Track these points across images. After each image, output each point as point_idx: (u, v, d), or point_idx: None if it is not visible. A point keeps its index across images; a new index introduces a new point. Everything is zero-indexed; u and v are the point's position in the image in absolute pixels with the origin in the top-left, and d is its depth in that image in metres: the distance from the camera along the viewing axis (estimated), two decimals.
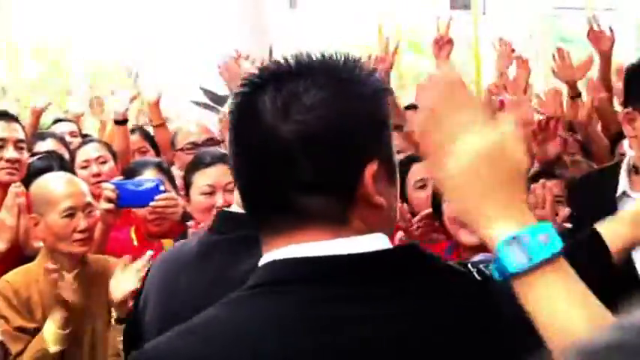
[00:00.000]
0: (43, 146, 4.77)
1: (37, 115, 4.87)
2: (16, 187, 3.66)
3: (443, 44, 4.82)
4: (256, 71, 1.33)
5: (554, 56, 4.95)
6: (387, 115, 1.35)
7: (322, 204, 1.26)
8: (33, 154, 4.45)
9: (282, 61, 1.31)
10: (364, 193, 1.27)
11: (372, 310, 1.23)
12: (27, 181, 3.75)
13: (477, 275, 1.31)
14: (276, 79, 1.29)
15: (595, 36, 4.94)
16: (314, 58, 1.31)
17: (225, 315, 1.27)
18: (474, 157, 1.18)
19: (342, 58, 1.33)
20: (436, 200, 3.23)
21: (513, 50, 5.13)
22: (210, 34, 6.67)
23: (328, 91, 1.27)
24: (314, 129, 1.24)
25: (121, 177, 3.99)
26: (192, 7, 7.07)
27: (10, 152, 3.83)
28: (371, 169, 1.27)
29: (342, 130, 1.26)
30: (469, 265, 1.34)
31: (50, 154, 4.40)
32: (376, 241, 1.28)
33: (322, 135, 1.24)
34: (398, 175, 1.38)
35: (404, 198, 3.71)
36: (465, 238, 3.04)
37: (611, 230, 1.95)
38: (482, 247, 2.94)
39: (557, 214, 3.00)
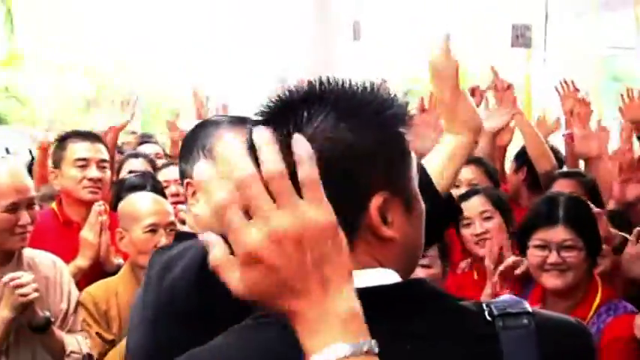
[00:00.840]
0: (134, 164, 5.00)
1: (115, 133, 5.03)
2: (99, 206, 3.82)
3: (503, 90, 4.75)
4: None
5: (622, 96, 4.97)
6: (402, 145, 1.28)
7: None
8: (130, 172, 4.66)
9: (295, 88, 1.27)
10: (370, 225, 1.22)
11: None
12: (120, 196, 3.89)
13: (487, 316, 1.24)
14: (286, 106, 1.25)
15: None
16: (328, 85, 1.26)
17: (231, 344, 1.23)
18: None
19: (361, 85, 1.27)
20: (520, 242, 3.24)
21: (577, 90, 5.14)
22: (275, 64, 6.82)
23: (333, 120, 1.22)
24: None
25: None
26: (258, 38, 7.22)
27: (92, 172, 4.00)
28: (377, 201, 1.22)
29: (343, 161, 1.21)
30: (483, 305, 1.26)
31: (145, 173, 4.59)
32: (381, 276, 1.23)
33: (323, 166, 1.12)
34: (420, 208, 1.31)
35: (457, 233, 3.78)
36: (548, 282, 3.07)
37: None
38: (565, 292, 3.03)
39: None
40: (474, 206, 3.71)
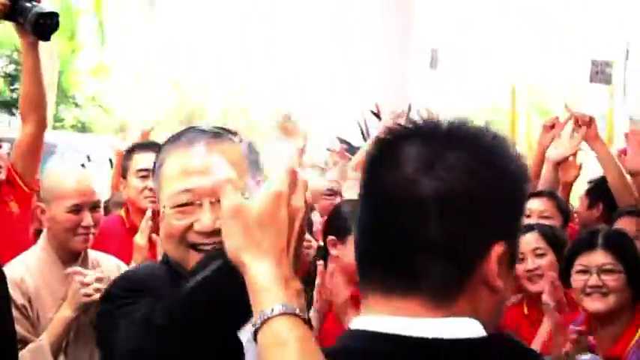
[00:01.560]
0: None
1: None
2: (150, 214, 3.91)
3: (583, 124, 4.65)
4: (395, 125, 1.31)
5: None
6: (524, 198, 1.31)
7: (438, 271, 1.21)
8: None
9: (429, 118, 1.30)
10: (485, 271, 1.22)
11: None
12: None
13: None
14: (425, 133, 1.27)
15: None
16: (465, 124, 1.28)
17: None
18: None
19: (493, 131, 1.29)
20: (565, 271, 3.30)
21: None
22: (353, 88, 6.91)
23: (474, 157, 1.23)
24: (453, 189, 1.20)
25: None
26: (336, 65, 7.34)
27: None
28: (498, 249, 1.22)
29: (479, 198, 1.22)
30: None
31: None
32: (467, 327, 1.22)
33: (459, 197, 1.20)
34: (515, 267, 1.32)
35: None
36: (590, 305, 3.15)
37: None
38: (608, 315, 3.09)
39: None
40: (527, 242, 3.70)
